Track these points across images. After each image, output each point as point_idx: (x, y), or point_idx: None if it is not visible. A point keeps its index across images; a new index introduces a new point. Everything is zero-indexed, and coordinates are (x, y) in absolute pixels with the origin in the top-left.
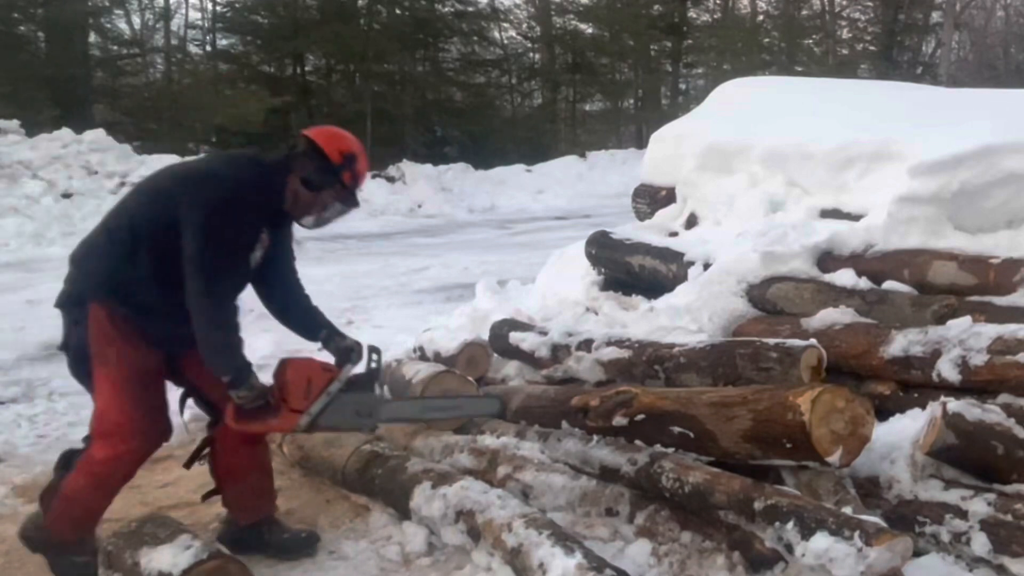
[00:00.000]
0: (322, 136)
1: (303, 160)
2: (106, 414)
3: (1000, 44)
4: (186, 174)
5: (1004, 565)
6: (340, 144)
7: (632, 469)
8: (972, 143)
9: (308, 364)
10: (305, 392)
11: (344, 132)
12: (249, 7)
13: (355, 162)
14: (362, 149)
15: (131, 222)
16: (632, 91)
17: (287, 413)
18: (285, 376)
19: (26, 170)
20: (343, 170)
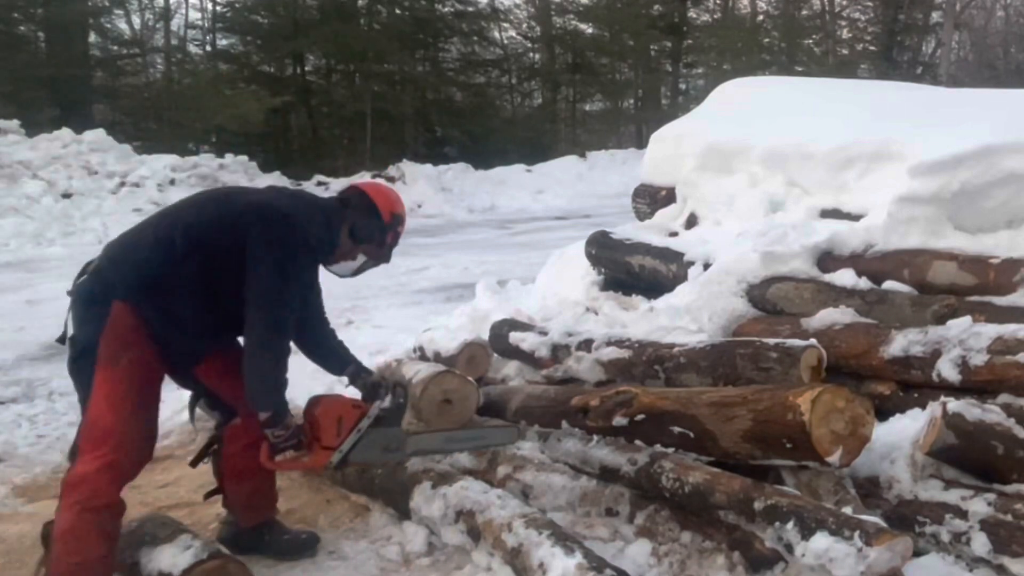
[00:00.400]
0: (377, 194)
1: (355, 212)
2: (97, 421)
3: (1000, 44)
4: (260, 206)
5: (1004, 565)
6: (393, 205)
7: (632, 469)
8: (972, 143)
9: (338, 402)
10: (336, 430)
11: (395, 192)
12: (249, 7)
13: (401, 224)
14: (404, 209)
15: (187, 232)
16: (632, 91)
17: (319, 451)
18: (316, 414)
19: (26, 170)
20: (390, 230)
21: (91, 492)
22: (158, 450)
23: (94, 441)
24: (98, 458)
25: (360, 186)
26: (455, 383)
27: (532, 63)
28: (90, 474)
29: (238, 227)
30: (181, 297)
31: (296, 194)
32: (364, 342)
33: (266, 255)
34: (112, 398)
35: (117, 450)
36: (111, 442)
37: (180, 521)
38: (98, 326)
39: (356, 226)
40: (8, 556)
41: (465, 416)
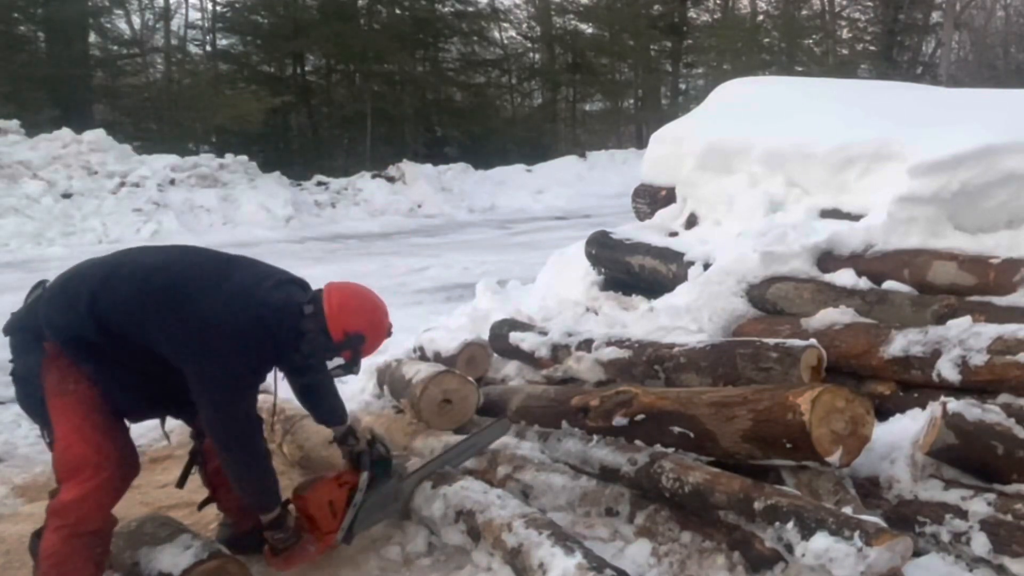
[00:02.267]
0: (332, 308)
1: (309, 320)
2: (69, 449)
3: (1000, 44)
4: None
5: (1004, 565)
6: (347, 321)
7: (632, 469)
8: (972, 143)
9: (323, 487)
10: (330, 516)
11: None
12: (249, 7)
13: (361, 343)
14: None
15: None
16: (632, 91)
17: (321, 538)
18: (307, 509)
19: (26, 170)
20: (343, 349)
21: (78, 519)
22: (158, 450)
23: (72, 470)
24: (81, 484)
25: (325, 291)
26: (455, 383)
27: (532, 63)
28: (75, 501)
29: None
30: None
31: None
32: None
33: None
34: (74, 425)
35: (98, 474)
36: (89, 468)
37: (180, 521)
38: (37, 358)
39: (305, 340)
40: (8, 556)
41: (465, 416)
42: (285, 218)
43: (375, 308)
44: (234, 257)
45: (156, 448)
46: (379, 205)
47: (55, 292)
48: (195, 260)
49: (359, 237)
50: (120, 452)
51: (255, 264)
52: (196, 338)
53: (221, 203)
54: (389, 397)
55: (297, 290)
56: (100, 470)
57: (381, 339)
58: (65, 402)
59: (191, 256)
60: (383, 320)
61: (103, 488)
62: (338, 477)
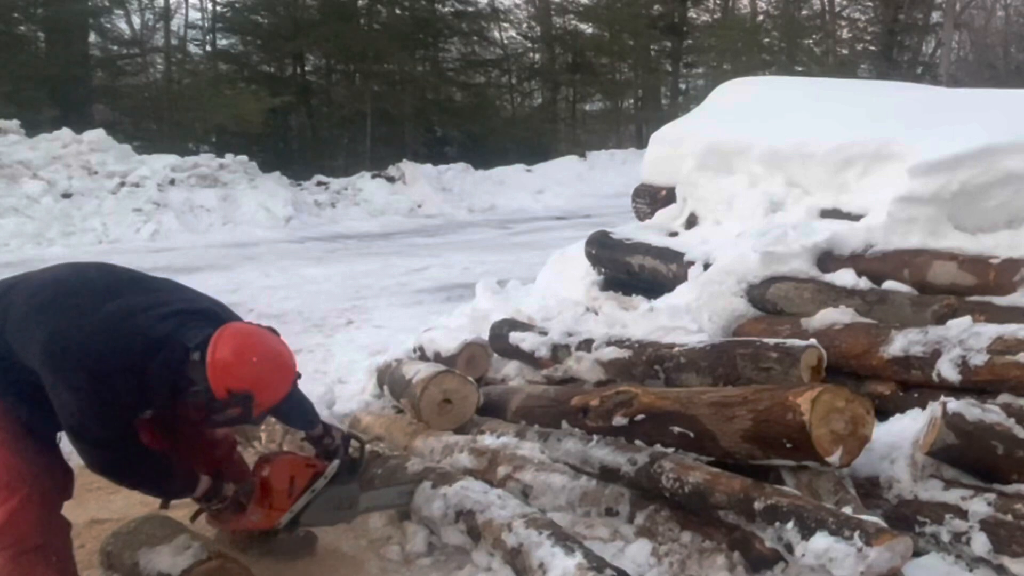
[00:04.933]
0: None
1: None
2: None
3: (1000, 44)
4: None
5: (1004, 565)
6: (230, 378)
7: (632, 469)
8: (972, 143)
9: (292, 462)
10: (288, 492)
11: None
12: (249, 7)
13: (249, 400)
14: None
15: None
16: (632, 91)
17: (268, 512)
18: (268, 475)
19: (26, 170)
20: (231, 406)
21: (16, 538)
22: None
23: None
24: (3, 505)
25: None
26: (455, 383)
27: (532, 63)
28: (5, 522)
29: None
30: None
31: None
32: (364, 342)
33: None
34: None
35: (17, 491)
36: (4, 489)
37: (180, 521)
38: None
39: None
40: None
41: (465, 416)
42: (285, 218)
43: (266, 362)
44: (144, 279)
45: None
46: (379, 205)
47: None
48: (90, 277)
49: (359, 237)
50: (35, 468)
51: (164, 291)
52: (54, 358)
53: (221, 203)
54: (389, 397)
55: (194, 328)
56: (16, 489)
57: (275, 395)
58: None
59: (89, 273)
60: (275, 376)
61: (26, 505)
62: (308, 459)
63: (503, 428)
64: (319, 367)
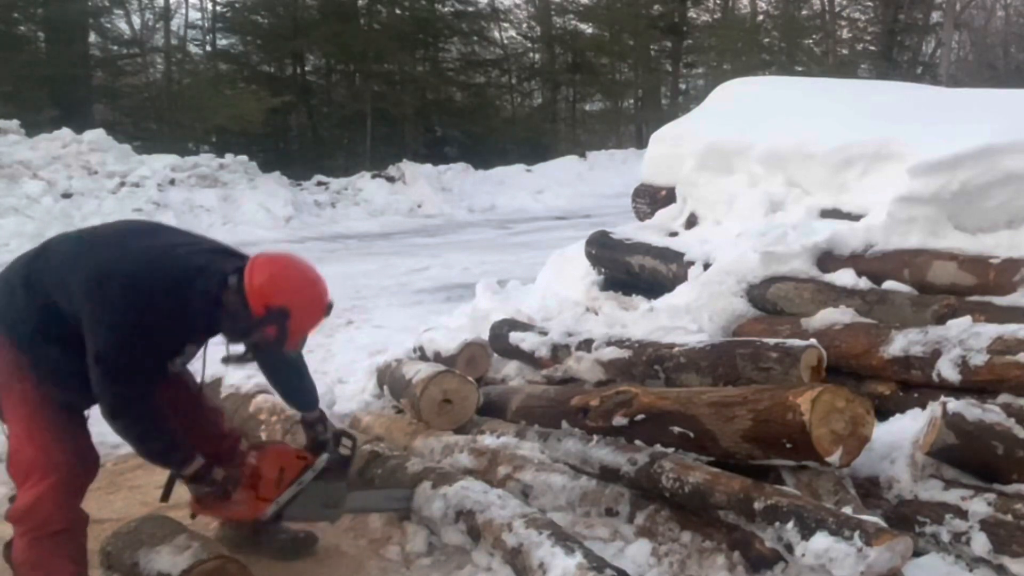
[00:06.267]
0: (255, 278)
1: (231, 295)
2: (20, 451)
3: (1000, 44)
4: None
5: (1004, 565)
6: (271, 294)
7: (632, 469)
8: (972, 143)
9: (282, 452)
10: (276, 482)
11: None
12: (249, 7)
13: (286, 318)
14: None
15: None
16: (632, 91)
17: (254, 501)
18: (257, 463)
19: (26, 170)
20: (266, 324)
21: (40, 521)
22: None
23: (23, 473)
24: (33, 487)
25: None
26: (455, 383)
27: (532, 63)
28: (31, 506)
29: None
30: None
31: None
32: (364, 342)
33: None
34: (25, 425)
35: (48, 475)
36: (38, 471)
37: (180, 521)
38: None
39: (227, 313)
40: None
41: (465, 416)
42: (285, 218)
43: (305, 282)
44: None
45: None
46: (379, 205)
47: (6, 281)
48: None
49: (359, 237)
50: (69, 452)
51: (193, 234)
52: (99, 286)
53: (221, 203)
54: (389, 397)
55: (227, 260)
56: (47, 473)
57: (313, 317)
58: (13, 401)
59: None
60: (315, 295)
61: (56, 489)
62: (299, 451)
63: (503, 428)
64: (319, 367)
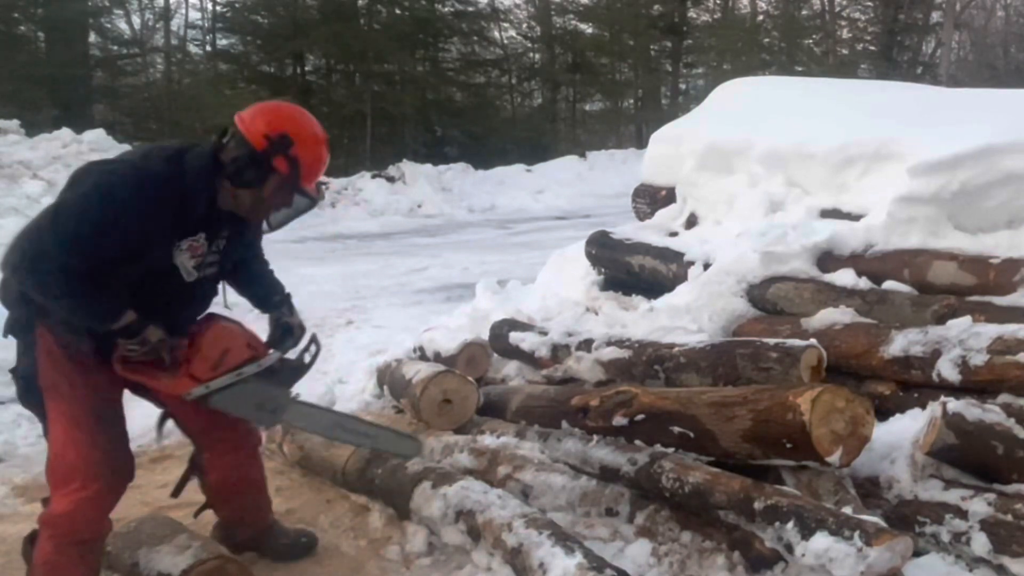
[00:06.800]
0: (246, 117)
1: (229, 151)
2: (60, 457)
3: (1000, 44)
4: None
5: (1004, 565)
6: (267, 125)
7: (632, 469)
8: (972, 143)
9: (232, 332)
10: (214, 363)
11: (282, 107)
12: (249, 7)
13: (289, 145)
14: (307, 127)
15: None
16: (632, 91)
17: (184, 377)
18: (201, 337)
19: (26, 170)
20: (273, 156)
21: (71, 529)
22: (158, 450)
23: (62, 478)
24: (69, 496)
25: (236, 116)
26: (455, 383)
27: (532, 63)
28: (66, 514)
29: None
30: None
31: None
32: (364, 342)
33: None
34: (68, 430)
35: (87, 485)
36: (77, 479)
37: (180, 521)
38: (31, 355)
39: (229, 168)
40: (8, 556)
41: (465, 416)
42: None
43: (294, 111)
44: None
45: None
46: (379, 205)
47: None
48: None
49: (359, 237)
50: (110, 461)
51: None
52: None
53: None
54: (389, 397)
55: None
56: (89, 482)
57: (316, 143)
58: (59, 404)
59: None
60: (307, 121)
61: (93, 500)
62: (251, 338)
63: (503, 428)
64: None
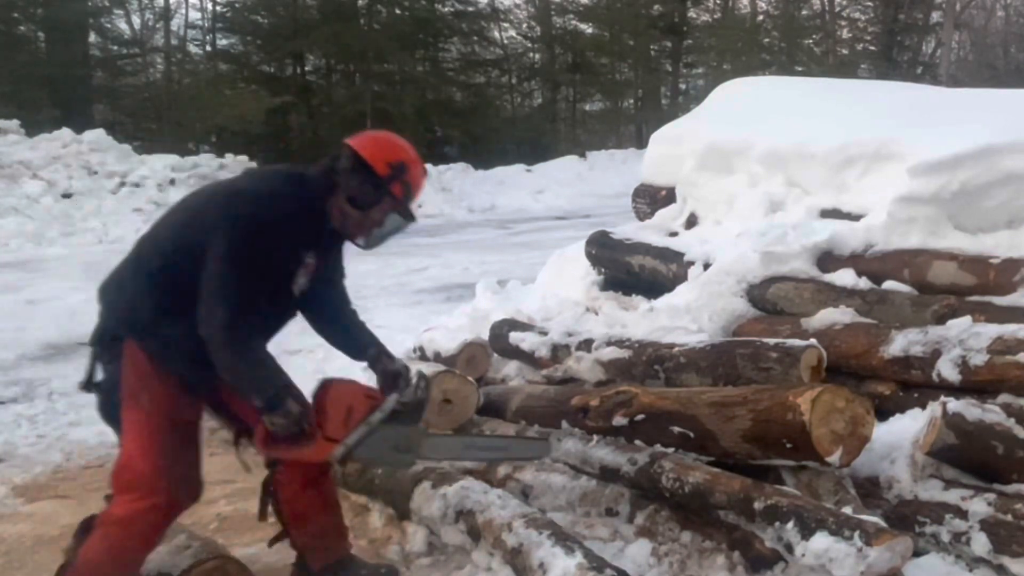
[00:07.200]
0: (366, 146)
1: (347, 175)
2: (131, 463)
3: (1000, 44)
4: (215, 191)
5: (1004, 565)
6: (387, 153)
7: (632, 469)
8: (972, 143)
9: (350, 389)
10: (344, 420)
11: (392, 138)
12: (249, 7)
13: (405, 171)
14: (415, 156)
15: (158, 248)
16: (632, 91)
17: (321, 442)
18: (324, 401)
19: (26, 170)
20: (391, 182)
21: (123, 535)
22: None
23: (127, 485)
24: (133, 503)
25: (349, 142)
26: (455, 383)
27: (532, 63)
28: (123, 518)
29: (197, 221)
30: (175, 322)
31: (271, 171)
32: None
33: (218, 239)
34: (142, 440)
35: (151, 496)
36: (145, 488)
37: (179, 521)
38: (116, 366)
39: (353, 191)
40: (8, 556)
41: (465, 416)
42: None
43: (405, 142)
44: None
45: None
46: None
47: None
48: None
49: None
50: (176, 477)
51: None
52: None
53: None
54: None
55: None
56: (152, 493)
57: (420, 167)
58: (136, 414)
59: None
60: (416, 153)
61: (150, 511)
62: (369, 390)
63: (503, 428)
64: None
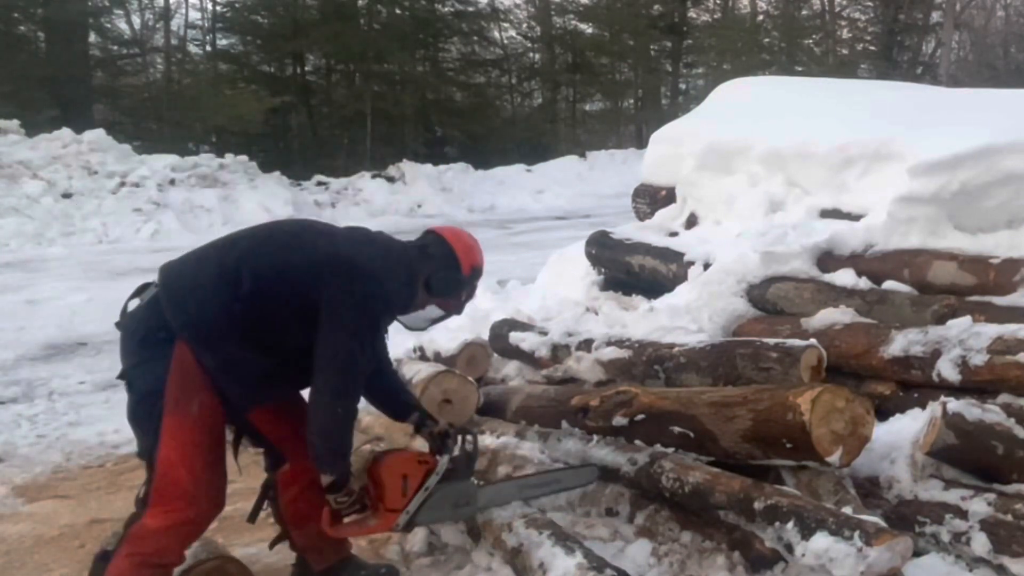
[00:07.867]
0: (458, 242)
1: (434, 262)
2: (171, 473)
3: (1000, 44)
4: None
5: (1004, 565)
6: (474, 257)
7: (632, 469)
8: (972, 143)
9: (403, 459)
10: (402, 490)
11: (476, 241)
12: (249, 7)
13: (479, 277)
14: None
15: (256, 273)
16: (632, 91)
17: (384, 514)
18: (379, 474)
19: (26, 170)
20: (468, 284)
21: (157, 549)
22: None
23: (166, 496)
24: (170, 514)
25: (440, 232)
26: (455, 383)
27: (532, 63)
28: (160, 531)
29: (317, 281)
30: (242, 342)
31: (377, 242)
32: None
33: (346, 318)
34: (185, 449)
35: (190, 507)
36: (185, 498)
37: None
38: (163, 367)
39: (434, 278)
40: (8, 556)
41: (465, 416)
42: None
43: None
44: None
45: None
46: (379, 205)
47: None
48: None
49: None
50: (212, 491)
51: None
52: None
53: (221, 203)
54: None
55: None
56: (192, 505)
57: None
58: (184, 421)
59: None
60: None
61: (189, 523)
62: (419, 455)
63: (503, 428)
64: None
